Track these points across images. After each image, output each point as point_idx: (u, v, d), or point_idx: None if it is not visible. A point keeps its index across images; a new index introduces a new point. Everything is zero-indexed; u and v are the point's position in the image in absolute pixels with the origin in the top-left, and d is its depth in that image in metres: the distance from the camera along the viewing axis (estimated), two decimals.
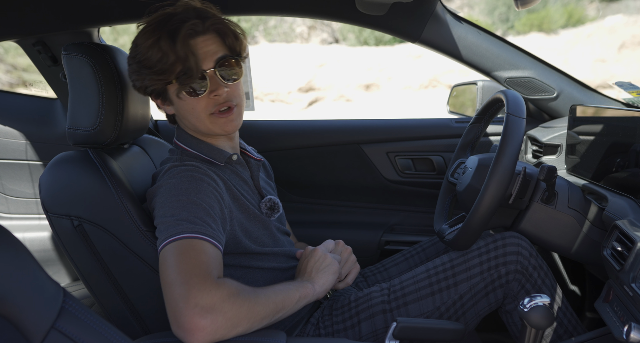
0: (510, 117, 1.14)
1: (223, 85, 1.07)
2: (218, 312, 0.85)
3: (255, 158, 1.28)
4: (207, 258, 0.92)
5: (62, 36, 1.72)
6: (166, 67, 1.03)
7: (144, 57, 1.03)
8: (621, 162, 1.18)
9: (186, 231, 0.94)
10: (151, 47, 1.02)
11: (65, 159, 1.16)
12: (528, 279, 1.19)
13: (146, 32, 1.04)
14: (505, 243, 1.20)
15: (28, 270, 0.64)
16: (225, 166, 1.18)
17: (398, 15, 1.63)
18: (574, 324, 1.21)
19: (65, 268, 2.11)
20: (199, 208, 0.99)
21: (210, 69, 1.06)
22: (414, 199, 2.00)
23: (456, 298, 1.19)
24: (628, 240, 0.97)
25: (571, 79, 1.74)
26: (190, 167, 1.07)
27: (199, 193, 1.01)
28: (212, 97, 1.08)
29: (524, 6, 1.06)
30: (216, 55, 1.07)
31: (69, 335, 0.64)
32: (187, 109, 1.10)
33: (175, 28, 1.01)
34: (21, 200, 2.09)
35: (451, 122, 1.94)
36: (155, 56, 1.02)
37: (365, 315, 1.19)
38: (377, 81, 9.59)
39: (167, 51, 1.01)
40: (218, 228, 1.01)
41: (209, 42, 1.06)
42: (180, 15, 1.04)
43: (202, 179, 1.04)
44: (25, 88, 7.30)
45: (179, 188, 1.02)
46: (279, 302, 0.97)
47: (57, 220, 1.14)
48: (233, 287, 0.90)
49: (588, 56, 8.90)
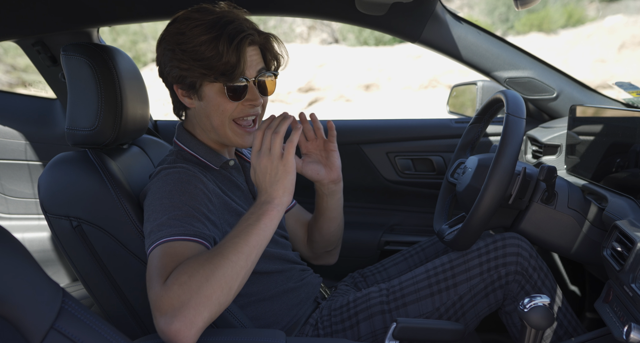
0: (510, 117, 1.14)
1: (259, 96, 1.12)
2: (180, 309, 0.82)
3: (249, 161, 1.28)
4: (174, 257, 0.90)
5: (62, 36, 1.71)
6: (216, 65, 1.05)
7: (195, 50, 1.05)
8: (621, 162, 1.18)
9: (163, 236, 0.94)
10: (207, 43, 1.04)
11: (64, 159, 1.16)
12: (528, 280, 1.19)
13: (201, 26, 1.05)
14: (505, 244, 1.20)
15: (27, 270, 0.64)
16: (220, 171, 1.19)
17: (398, 15, 1.63)
18: (574, 325, 1.21)
19: (65, 268, 2.11)
20: (180, 210, 0.98)
21: (252, 78, 1.10)
22: (413, 200, 2.00)
23: (456, 299, 1.19)
24: (628, 240, 0.97)
25: (571, 79, 1.74)
26: (180, 170, 1.07)
27: (183, 194, 1.01)
28: (246, 104, 1.11)
29: (523, 6, 1.06)
30: (258, 66, 1.12)
31: (68, 335, 0.64)
32: (216, 109, 1.10)
33: (236, 33, 1.05)
34: (20, 200, 2.09)
35: (451, 123, 1.94)
36: (209, 52, 1.04)
37: (364, 316, 1.18)
38: (377, 81, 9.58)
39: (223, 52, 1.04)
40: (202, 224, 1.00)
41: (254, 52, 1.11)
42: (241, 23, 1.08)
43: (189, 181, 1.05)
44: (25, 88, 7.30)
45: (162, 191, 1.02)
46: (244, 247, 0.90)
47: (55, 220, 1.14)
48: (182, 273, 0.85)
49: (588, 56, 8.90)
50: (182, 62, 1.07)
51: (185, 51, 1.06)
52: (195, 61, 1.05)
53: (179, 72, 1.09)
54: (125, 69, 1.21)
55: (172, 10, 1.51)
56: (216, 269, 0.86)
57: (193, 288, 0.83)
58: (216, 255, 0.88)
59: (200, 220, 1.00)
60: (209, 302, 0.84)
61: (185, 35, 1.06)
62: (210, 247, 0.97)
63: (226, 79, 1.06)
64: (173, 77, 1.11)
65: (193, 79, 1.08)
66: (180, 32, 1.07)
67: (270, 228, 0.96)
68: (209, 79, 1.07)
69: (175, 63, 1.08)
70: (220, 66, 1.05)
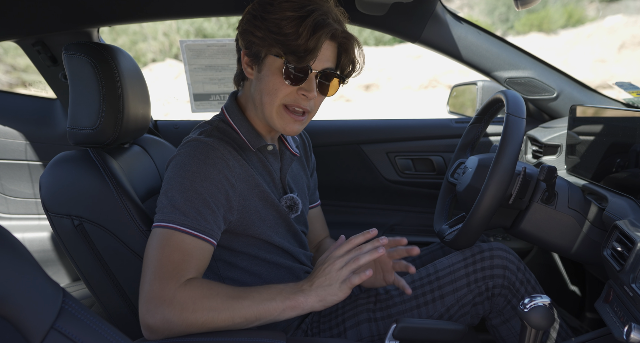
0: (510, 117, 1.14)
1: (316, 91, 1.07)
2: (172, 315, 0.89)
3: (292, 152, 1.24)
4: (185, 256, 0.95)
5: (62, 36, 1.71)
6: (290, 44, 1.01)
7: (276, 22, 1.02)
8: (621, 162, 1.18)
9: (176, 222, 0.96)
10: (290, 19, 1.01)
11: (65, 158, 1.16)
12: (514, 295, 1.18)
13: (292, 2, 1.02)
14: (492, 255, 1.19)
15: (27, 270, 0.64)
16: (256, 153, 1.15)
17: (398, 15, 1.63)
18: (564, 336, 1.21)
19: (65, 268, 2.11)
20: (199, 198, 0.98)
21: (316, 71, 1.06)
22: (413, 200, 2.00)
23: (443, 310, 1.18)
24: (628, 240, 0.97)
25: (571, 79, 1.74)
26: (210, 147, 1.04)
27: (205, 180, 1.00)
28: (299, 94, 1.07)
29: (524, 6, 1.06)
30: (328, 63, 1.08)
31: (69, 335, 0.64)
32: (269, 86, 1.07)
33: (323, 21, 1.01)
34: (21, 200, 2.09)
35: (451, 123, 1.94)
36: (289, 29, 1.01)
37: (351, 323, 1.18)
38: (377, 81, 9.59)
39: (302, 33, 1.00)
40: (215, 219, 1.00)
41: (330, 48, 1.07)
42: (330, 15, 1.04)
43: (214, 165, 1.02)
44: (25, 88, 7.30)
45: (187, 170, 1.01)
46: (251, 314, 0.94)
47: (57, 219, 1.14)
48: (197, 290, 0.92)
49: (588, 56, 8.90)
50: (258, 30, 1.04)
51: (266, 20, 1.03)
52: (270, 33, 1.02)
53: (250, 38, 1.06)
54: (127, 68, 1.21)
55: (172, 10, 1.52)
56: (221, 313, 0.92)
57: (195, 309, 0.90)
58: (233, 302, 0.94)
59: (214, 211, 1.00)
60: (196, 328, 0.91)
61: (273, 6, 1.03)
62: (212, 243, 0.99)
63: (293, 58, 1.02)
64: (243, 42, 1.08)
65: (260, 48, 1.05)
66: (269, 2, 1.04)
67: (286, 315, 0.97)
68: (275, 51, 1.04)
69: (251, 28, 1.05)
70: (293, 45, 1.01)
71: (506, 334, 1.21)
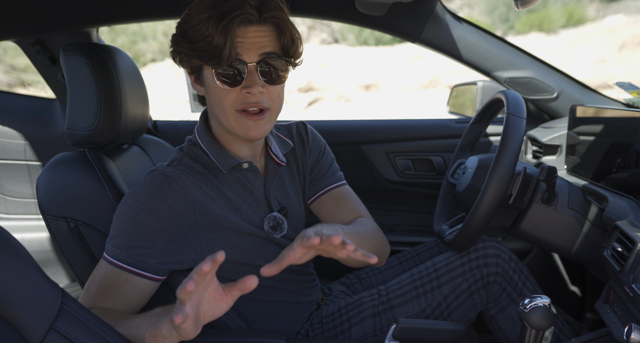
0: (510, 117, 1.14)
1: (259, 84, 0.98)
2: None
3: (277, 162, 1.15)
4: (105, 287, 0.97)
5: (61, 36, 1.71)
6: (207, 48, 0.94)
7: (193, 30, 0.95)
8: (621, 162, 1.18)
9: (108, 253, 0.99)
10: (203, 23, 0.94)
11: (62, 160, 1.16)
12: (509, 282, 1.20)
13: (205, 4, 0.95)
14: (485, 246, 1.23)
15: (27, 270, 0.64)
16: (231, 174, 1.09)
17: (398, 15, 1.63)
18: (564, 336, 1.22)
19: (64, 269, 2.11)
20: (139, 231, 0.97)
21: (252, 63, 0.97)
22: (413, 200, 2.00)
23: (441, 299, 1.20)
24: (628, 241, 0.97)
25: (571, 79, 1.74)
26: (167, 179, 0.99)
27: (151, 213, 0.97)
28: (244, 94, 0.98)
29: (524, 6, 1.06)
30: (264, 49, 0.98)
31: (68, 335, 0.64)
32: (215, 97, 1.00)
33: (227, 11, 0.93)
34: (20, 201, 2.09)
35: (451, 123, 1.94)
36: (202, 33, 0.94)
37: (356, 321, 1.19)
38: (376, 81, 9.58)
39: (213, 32, 0.93)
40: (155, 253, 0.98)
41: (262, 33, 0.97)
42: (245, 1, 0.95)
43: (165, 199, 0.98)
44: (24, 88, 7.29)
45: (135, 200, 0.98)
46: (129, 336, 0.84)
47: (53, 221, 1.14)
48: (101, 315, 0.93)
49: (588, 56, 8.89)
50: (179, 45, 0.99)
51: (185, 32, 0.97)
52: (189, 43, 0.96)
53: (179, 57, 1.01)
54: (125, 69, 1.21)
55: (171, 10, 1.52)
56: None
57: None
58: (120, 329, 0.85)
59: (155, 245, 0.98)
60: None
61: (190, 15, 0.97)
62: (150, 277, 0.99)
63: (214, 63, 0.95)
64: (176, 62, 1.03)
65: (192, 64, 1.00)
66: (188, 12, 0.98)
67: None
68: (195, 62, 0.98)
69: (174, 46, 1.01)
70: (211, 48, 0.94)
71: (504, 324, 1.22)
